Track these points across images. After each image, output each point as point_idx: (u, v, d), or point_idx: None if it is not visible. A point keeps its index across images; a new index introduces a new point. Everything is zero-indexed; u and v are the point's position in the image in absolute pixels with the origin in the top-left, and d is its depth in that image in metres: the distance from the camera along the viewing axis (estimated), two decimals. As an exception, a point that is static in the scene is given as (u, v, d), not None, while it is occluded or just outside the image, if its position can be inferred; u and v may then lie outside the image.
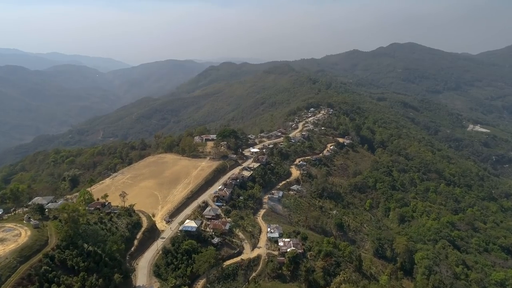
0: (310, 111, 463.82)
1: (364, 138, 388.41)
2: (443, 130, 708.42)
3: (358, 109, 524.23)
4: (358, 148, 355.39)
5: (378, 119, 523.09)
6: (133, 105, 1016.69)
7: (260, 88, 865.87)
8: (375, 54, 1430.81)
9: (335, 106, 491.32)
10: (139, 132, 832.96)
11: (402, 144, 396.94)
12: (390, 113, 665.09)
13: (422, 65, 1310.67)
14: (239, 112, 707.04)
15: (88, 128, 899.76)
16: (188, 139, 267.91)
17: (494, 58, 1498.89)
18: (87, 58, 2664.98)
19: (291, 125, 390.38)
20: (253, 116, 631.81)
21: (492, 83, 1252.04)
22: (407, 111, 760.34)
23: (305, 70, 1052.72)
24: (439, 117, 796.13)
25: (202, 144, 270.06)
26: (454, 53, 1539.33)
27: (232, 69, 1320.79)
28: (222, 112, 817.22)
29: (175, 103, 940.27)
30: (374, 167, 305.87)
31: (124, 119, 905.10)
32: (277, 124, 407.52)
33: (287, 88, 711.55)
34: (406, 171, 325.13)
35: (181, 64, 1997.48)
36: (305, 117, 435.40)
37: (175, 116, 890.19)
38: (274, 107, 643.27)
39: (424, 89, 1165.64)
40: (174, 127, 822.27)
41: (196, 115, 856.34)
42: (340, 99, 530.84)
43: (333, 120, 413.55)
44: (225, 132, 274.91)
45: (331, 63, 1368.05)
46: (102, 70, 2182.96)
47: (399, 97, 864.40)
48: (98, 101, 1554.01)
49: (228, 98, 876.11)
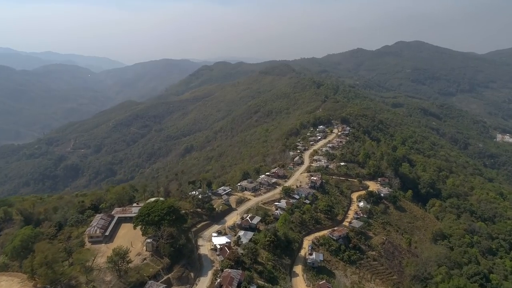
0: (319, 130, 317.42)
1: (403, 175, 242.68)
2: (474, 144, 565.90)
3: (381, 124, 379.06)
4: (402, 200, 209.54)
5: (407, 137, 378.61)
6: (113, 110, 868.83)
7: (255, 91, 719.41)
8: (381, 53, 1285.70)
9: (351, 122, 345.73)
10: (115, 142, 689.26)
11: (460, 186, 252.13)
12: (413, 124, 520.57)
13: (432, 64, 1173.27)
14: (229, 122, 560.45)
15: (60, 137, 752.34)
16: (49, 249, 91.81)
17: (505, 58, 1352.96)
18: (81, 58, 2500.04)
19: (293, 157, 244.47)
20: (244, 129, 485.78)
21: (508, 85, 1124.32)
22: (428, 120, 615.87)
23: (306, 70, 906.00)
24: (464, 126, 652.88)
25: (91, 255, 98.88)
26: (463, 52, 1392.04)
27: (227, 69, 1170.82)
28: (210, 119, 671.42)
29: (159, 108, 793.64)
30: (445, 256, 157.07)
31: (101, 127, 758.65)
32: (272, 154, 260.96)
33: (286, 93, 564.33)
34: (494, 253, 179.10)
35: (176, 63, 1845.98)
36: (312, 141, 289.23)
37: (158, 123, 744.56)
38: (270, 117, 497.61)
39: (436, 91, 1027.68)
40: (154, 137, 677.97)
41: (181, 122, 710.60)
42: (356, 110, 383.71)
43: (354, 147, 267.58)
44: (154, 212, 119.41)
45: (334, 63, 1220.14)
46: (96, 69, 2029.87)
47: (416, 102, 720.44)
48: (87, 102, 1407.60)
49: (219, 103, 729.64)
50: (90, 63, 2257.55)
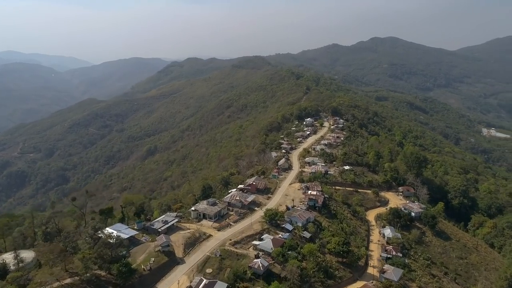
0: (307, 124, 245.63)
1: (427, 181, 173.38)
2: (465, 139, 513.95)
3: (376, 117, 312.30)
4: (443, 222, 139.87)
5: (407, 131, 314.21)
6: (71, 109, 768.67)
7: (227, 86, 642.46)
8: (356, 49, 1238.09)
9: (344, 113, 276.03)
10: (70, 144, 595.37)
11: (495, 192, 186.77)
12: (403, 118, 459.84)
13: (408, 60, 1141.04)
14: (198, 119, 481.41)
15: (7, 140, 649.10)
16: None
17: (477, 54, 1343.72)
18: (46, 57, 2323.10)
19: (277, 160, 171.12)
20: (214, 126, 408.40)
21: (481, 80, 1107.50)
22: (416, 113, 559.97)
23: (282, 64, 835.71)
24: (451, 120, 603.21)
25: None
26: (436, 48, 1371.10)
27: (198, 65, 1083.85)
28: (178, 117, 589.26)
29: (122, 106, 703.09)
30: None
31: (55, 128, 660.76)
32: (247, 156, 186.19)
33: (262, 85, 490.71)
34: None
35: (146, 62, 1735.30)
36: (300, 137, 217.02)
37: (120, 123, 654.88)
38: (245, 111, 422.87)
39: (414, 86, 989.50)
40: (115, 138, 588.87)
41: (145, 121, 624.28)
42: (347, 101, 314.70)
43: (357, 144, 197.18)
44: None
45: (309, 59, 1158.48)
46: (61, 69, 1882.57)
47: (400, 96, 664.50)
48: (49, 103, 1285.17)
49: (188, 99, 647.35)
50: (55, 63, 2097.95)
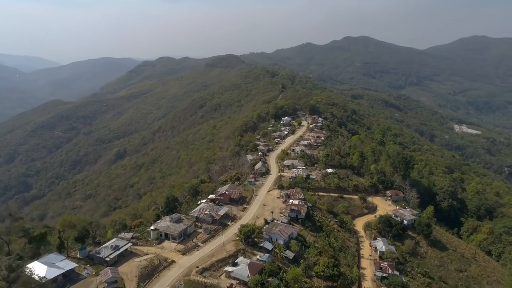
0: (284, 123, 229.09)
1: (414, 183, 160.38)
2: (440, 136, 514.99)
3: (355, 115, 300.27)
4: (437, 229, 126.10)
5: (385, 129, 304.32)
6: (34, 111, 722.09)
7: (201, 85, 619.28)
8: (329, 48, 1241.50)
9: (322, 112, 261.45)
10: (32, 149, 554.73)
11: (483, 192, 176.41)
12: (379, 115, 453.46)
13: (380, 59, 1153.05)
14: (170, 119, 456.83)
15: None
16: None
17: (445, 52, 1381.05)
18: (9, 57, 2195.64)
19: (253, 164, 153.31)
20: (187, 127, 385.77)
21: (451, 78, 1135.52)
22: (391, 111, 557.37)
23: (256, 63, 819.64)
24: (425, 117, 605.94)
25: None
26: (408, 47, 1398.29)
27: (171, 64, 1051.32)
28: (149, 118, 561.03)
29: (90, 108, 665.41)
30: None
31: (17, 131, 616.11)
32: (220, 160, 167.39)
33: (236, 84, 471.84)
34: None
35: (117, 62, 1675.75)
36: (277, 137, 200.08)
37: (88, 125, 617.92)
38: (219, 111, 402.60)
39: (387, 84, 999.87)
40: (82, 141, 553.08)
41: (114, 123, 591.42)
42: (324, 98, 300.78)
43: (338, 144, 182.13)
44: None
45: (284, 58, 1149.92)
46: (26, 69, 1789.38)
47: (374, 94, 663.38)
48: (12, 105, 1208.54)
49: (160, 99, 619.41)
50: (19, 63, 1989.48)
